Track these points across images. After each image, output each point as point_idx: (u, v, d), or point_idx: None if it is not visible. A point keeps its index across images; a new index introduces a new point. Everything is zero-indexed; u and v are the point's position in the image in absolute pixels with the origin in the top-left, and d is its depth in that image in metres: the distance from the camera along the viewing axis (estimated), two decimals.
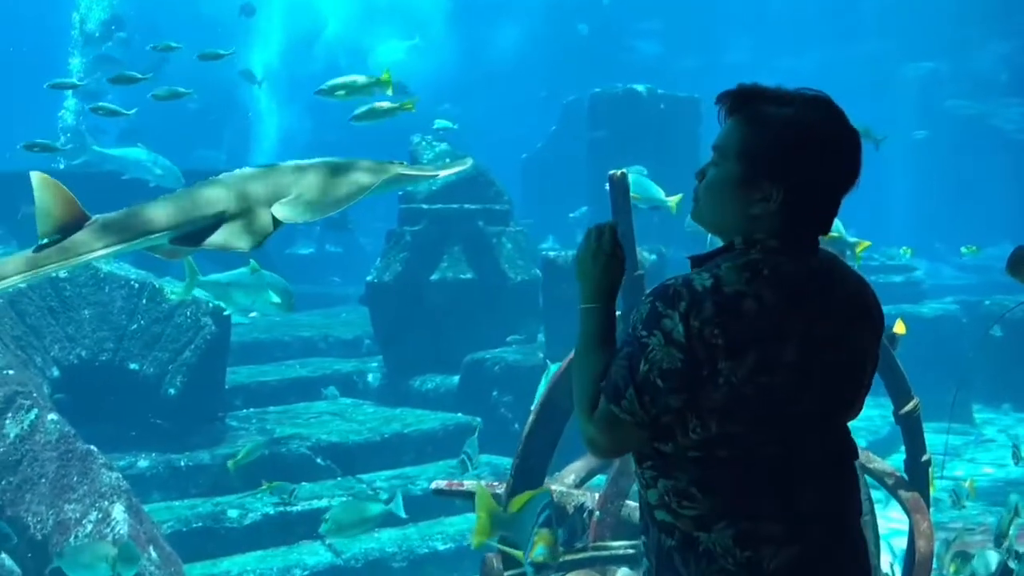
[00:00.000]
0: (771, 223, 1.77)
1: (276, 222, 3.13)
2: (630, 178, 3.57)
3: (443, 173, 3.70)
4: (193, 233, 3.10)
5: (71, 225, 3.01)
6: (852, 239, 6.10)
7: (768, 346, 1.69)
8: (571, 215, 11.17)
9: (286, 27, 17.10)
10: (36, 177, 3.00)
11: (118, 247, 3.05)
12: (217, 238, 3.08)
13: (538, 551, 2.64)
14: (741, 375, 1.69)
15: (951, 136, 18.53)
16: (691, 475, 1.74)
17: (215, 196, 3.13)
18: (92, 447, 5.35)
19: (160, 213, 3.10)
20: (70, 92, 11.39)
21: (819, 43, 20.43)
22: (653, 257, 7.88)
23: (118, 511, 4.90)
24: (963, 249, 10.77)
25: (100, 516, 4.91)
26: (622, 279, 1.90)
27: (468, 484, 3.40)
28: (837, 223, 5.42)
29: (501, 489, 3.43)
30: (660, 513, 1.78)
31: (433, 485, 3.55)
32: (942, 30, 18.68)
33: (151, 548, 4.93)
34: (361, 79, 5.57)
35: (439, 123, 9.45)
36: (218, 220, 3.11)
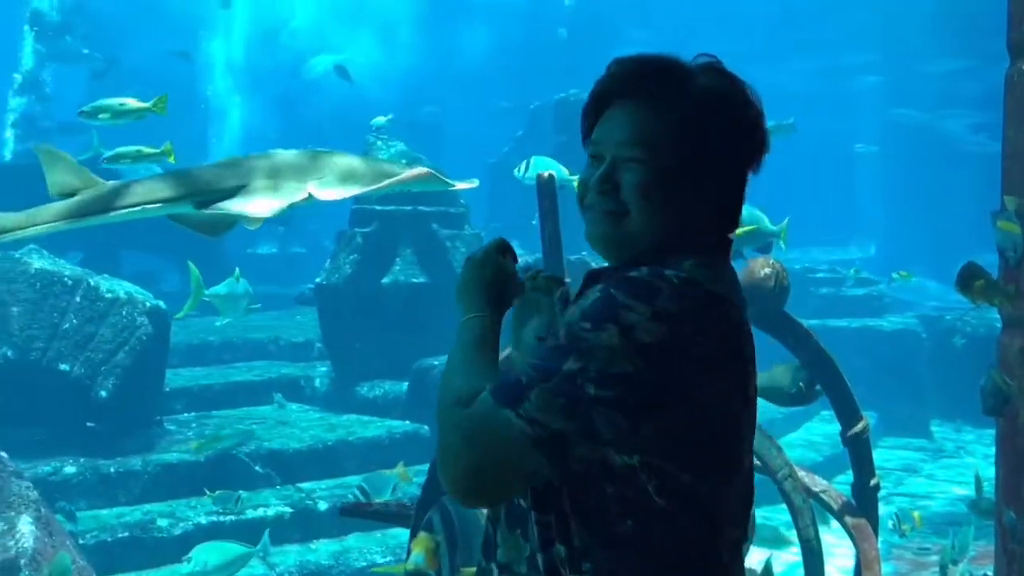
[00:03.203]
0: (707, 220, 1.46)
1: (308, 196, 3.31)
2: (536, 160, 3.55)
3: (460, 185, 3.82)
4: (214, 200, 3.25)
5: (80, 189, 3.21)
6: (773, 227, 5.28)
7: (740, 358, 1.39)
8: (532, 221, 11.01)
9: (251, 18, 16.78)
10: (37, 149, 3.26)
11: (129, 210, 3.19)
12: (240, 204, 3.21)
13: (413, 558, 2.30)
14: (717, 395, 1.34)
15: (914, 150, 18.66)
16: (604, 539, 1.32)
17: (242, 169, 3.30)
18: (2, 453, 5.05)
19: (184, 179, 3.28)
20: (15, 87, 11.08)
21: (804, 53, 20.57)
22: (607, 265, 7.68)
23: (24, 523, 4.61)
24: (894, 275, 10.57)
25: (5, 527, 4.61)
26: (514, 298, 1.56)
27: (376, 504, 3.18)
28: (758, 213, 5.11)
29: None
30: None
31: (342, 507, 3.33)
32: (902, 46, 18.84)
33: None
34: (132, 102, 5.34)
35: (376, 121, 9.24)
36: (239, 191, 3.26)
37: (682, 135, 1.43)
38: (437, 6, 19.12)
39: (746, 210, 5.23)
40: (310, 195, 3.33)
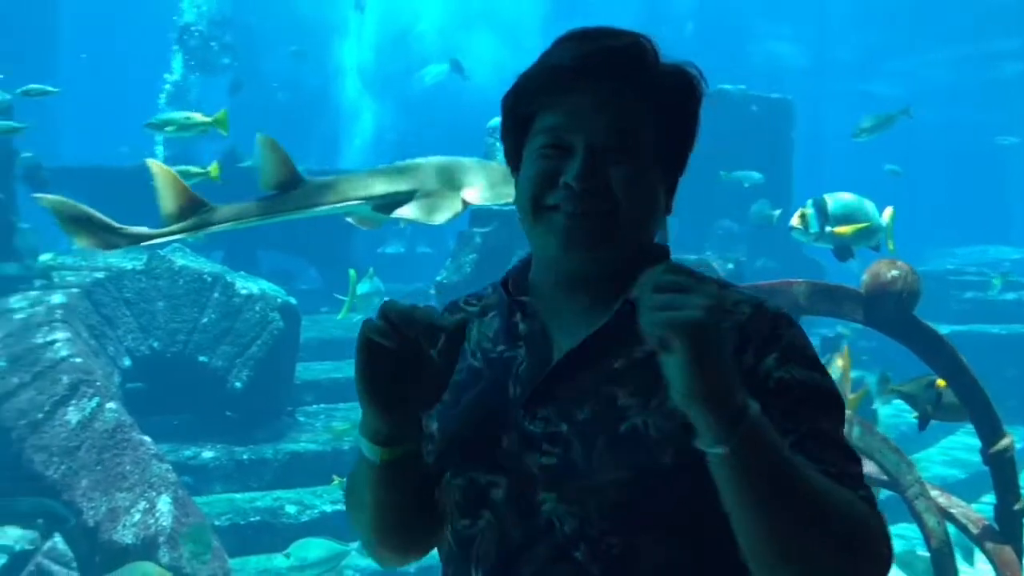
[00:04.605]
0: (664, 215, 1.36)
1: (464, 204, 3.58)
2: None
3: None
4: (390, 204, 3.56)
5: (287, 184, 3.46)
6: (883, 221, 4.48)
7: None
8: None
9: (380, 22, 17.31)
10: (259, 138, 3.44)
11: (324, 208, 3.51)
12: (413, 212, 3.52)
13: None
14: None
15: None
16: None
17: (413, 175, 3.59)
18: (145, 437, 5.43)
19: (367, 182, 3.60)
20: (163, 96, 11.86)
21: (945, 42, 19.36)
22: (730, 266, 7.47)
23: (163, 503, 4.93)
24: (994, 280, 9.67)
25: (147, 506, 4.95)
26: None
27: None
28: (869, 205, 4.55)
29: None
30: None
31: None
32: None
33: None
34: (196, 117, 5.49)
35: (493, 123, 9.32)
36: (411, 196, 3.56)
37: (663, 121, 1.29)
38: (560, 6, 19.14)
39: (855, 202, 4.74)
40: (467, 203, 3.57)
